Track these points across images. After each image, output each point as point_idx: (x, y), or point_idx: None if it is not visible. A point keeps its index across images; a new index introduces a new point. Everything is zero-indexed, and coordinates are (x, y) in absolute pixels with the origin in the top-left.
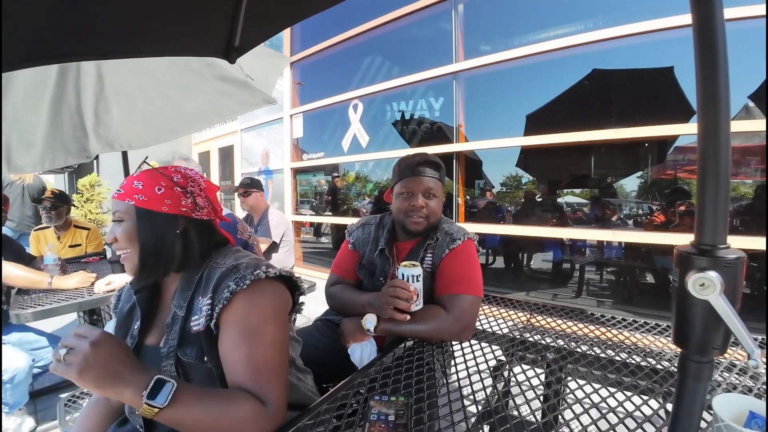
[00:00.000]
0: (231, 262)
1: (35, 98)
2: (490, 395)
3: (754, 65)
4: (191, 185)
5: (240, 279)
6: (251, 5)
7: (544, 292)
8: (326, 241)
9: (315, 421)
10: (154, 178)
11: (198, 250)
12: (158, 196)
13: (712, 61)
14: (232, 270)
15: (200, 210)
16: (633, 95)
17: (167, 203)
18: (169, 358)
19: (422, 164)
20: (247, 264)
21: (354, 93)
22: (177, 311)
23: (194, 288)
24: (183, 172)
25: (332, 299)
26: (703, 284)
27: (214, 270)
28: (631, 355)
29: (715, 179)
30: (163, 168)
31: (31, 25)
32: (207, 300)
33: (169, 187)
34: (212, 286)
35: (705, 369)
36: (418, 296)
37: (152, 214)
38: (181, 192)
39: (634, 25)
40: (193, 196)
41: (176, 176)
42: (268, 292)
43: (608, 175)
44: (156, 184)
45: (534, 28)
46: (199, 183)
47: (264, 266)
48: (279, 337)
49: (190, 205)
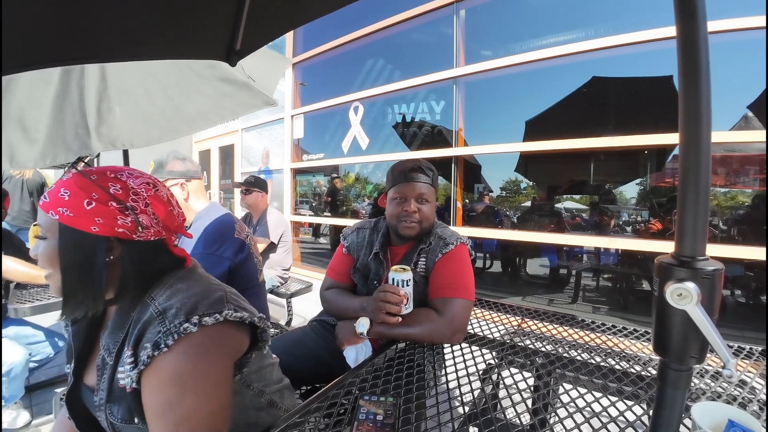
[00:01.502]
0: (162, 302)
1: (39, 95)
2: (477, 398)
3: (753, 75)
4: (133, 200)
5: (163, 336)
6: (253, 9)
7: (540, 297)
8: (324, 241)
9: (305, 420)
10: (84, 187)
11: (136, 281)
12: (87, 212)
13: (694, 75)
14: (157, 317)
15: (144, 231)
16: (632, 103)
17: (98, 222)
18: (101, 410)
19: (415, 170)
20: (178, 309)
21: (355, 95)
22: (106, 356)
23: (127, 329)
24: (124, 181)
25: (326, 303)
26: (681, 294)
27: (145, 309)
28: (618, 362)
29: (695, 192)
30: (99, 174)
31: (32, 28)
32: (130, 355)
33: (101, 201)
34: (135, 336)
35: (683, 377)
36: (408, 300)
37: (78, 234)
38: (118, 208)
39: (634, 34)
40: (135, 213)
41: (114, 187)
42: (199, 349)
43: (607, 181)
44: (85, 197)
45: (535, 35)
46: (143, 197)
47: (202, 310)
48: (214, 403)
49: (129, 225)
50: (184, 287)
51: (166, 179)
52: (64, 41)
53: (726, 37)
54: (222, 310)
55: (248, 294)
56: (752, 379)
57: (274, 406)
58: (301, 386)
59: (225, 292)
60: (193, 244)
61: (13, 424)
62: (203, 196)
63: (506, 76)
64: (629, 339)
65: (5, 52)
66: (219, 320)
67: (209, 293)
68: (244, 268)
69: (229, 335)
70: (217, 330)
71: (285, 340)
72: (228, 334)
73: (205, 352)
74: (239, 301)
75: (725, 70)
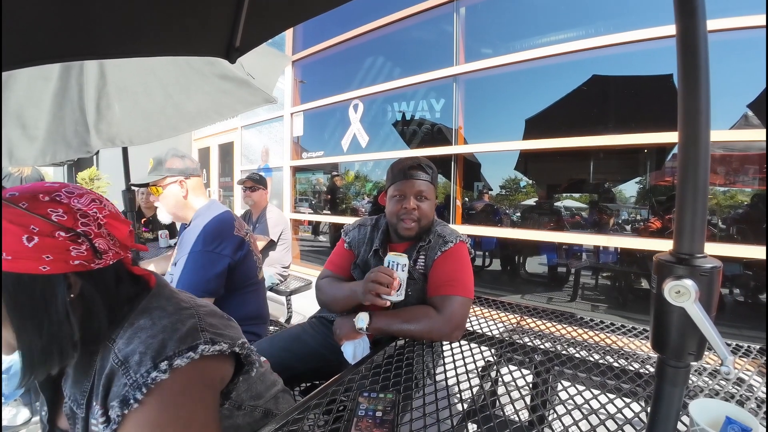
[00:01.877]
0: (122, 347)
1: (38, 92)
2: (476, 395)
3: (754, 74)
4: (83, 223)
5: (130, 389)
6: (253, 6)
7: (539, 295)
8: (324, 239)
9: (304, 416)
10: (16, 220)
11: (104, 318)
12: (29, 250)
13: (693, 73)
14: (120, 368)
15: (102, 256)
16: (632, 102)
17: (47, 259)
18: None
19: (414, 168)
20: (142, 355)
21: (355, 93)
22: (74, 408)
23: (92, 379)
24: (66, 204)
25: (320, 291)
26: (679, 291)
27: (107, 354)
28: (617, 359)
29: (693, 190)
30: (30, 199)
31: (31, 24)
32: (100, 411)
33: (45, 234)
34: (101, 390)
35: (681, 374)
36: (400, 286)
37: (25, 279)
38: (68, 237)
39: (634, 32)
40: (89, 238)
41: (55, 213)
42: (176, 398)
43: (606, 180)
44: (23, 232)
45: (535, 33)
46: (94, 218)
47: (171, 349)
48: None
49: (85, 255)
50: (147, 323)
51: (164, 176)
52: (62, 38)
53: (727, 36)
54: (196, 345)
55: (248, 291)
56: (750, 377)
57: (270, 415)
58: (300, 383)
59: (198, 316)
60: (192, 241)
61: (13, 421)
62: (202, 193)
63: (506, 74)
64: (627, 337)
65: (4, 48)
66: (193, 358)
67: (178, 324)
68: (243, 266)
69: (209, 369)
70: (194, 368)
71: (283, 337)
72: (207, 369)
73: (183, 397)
74: (216, 326)
75: (726, 69)
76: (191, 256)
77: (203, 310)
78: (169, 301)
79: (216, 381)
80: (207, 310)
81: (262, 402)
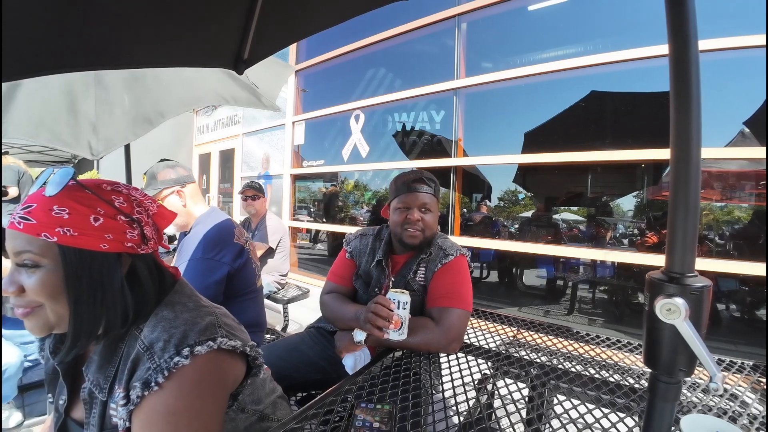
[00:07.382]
0: (147, 334)
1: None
2: (473, 407)
3: (750, 92)
4: (138, 211)
5: (153, 373)
6: (262, 20)
7: (536, 308)
8: (322, 248)
9: (301, 426)
10: (85, 202)
11: (151, 297)
12: (95, 229)
13: (685, 93)
14: (145, 353)
15: (148, 243)
16: (629, 118)
17: (107, 238)
18: None
19: (417, 181)
20: (166, 342)
21: (356, 103)
22: (96, 392)
23: (117, 365)
24: (126, 193)
25: (324, 307)
26: (670, 309)
27: (133, 342)
28: (612, 374)
29: (684, 209)
30: (94, 186)
31: (35, 35)
32: (122, 393)
33: (109, 216)
34: (126, 375)
35: (672, 390)
36: (402, 325)
37: (86, 254)
38: (126, 222)
39: (632, 50)
40: (141, 225)
41: (118, 200)
42: (194, 385)
43: (604, 194)
44: (91, 212)
45: (535, 49)
46: (147, 207)
47: (192, 339)
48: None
49: (136, 239)
50: (170, 315)
51: (161, 189)
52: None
53: (723, 55)
54: (215, 336)
55: (246, 299)
56: (743, 393)
57: (266, 419)
58: (296, 393)
59: (215, 315)
60: (193, 248)
61: (5, 424)
62: (201, 200)
63: (506, 89)
64: (623, 352)
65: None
66: (213, 348)
67: (199, 319)
68: (242, 273)
69: (226, 365)
70: (212, 360)
71: (281, 345)
72: (224, 364)
73: (199, 387)
74: (232, 326)
75: (722, 88)
76: (191, 263)
77: (219, 311)
78: (190, 298)
79: (229, 380)
80: (222, 311)
81: (261, 407)
